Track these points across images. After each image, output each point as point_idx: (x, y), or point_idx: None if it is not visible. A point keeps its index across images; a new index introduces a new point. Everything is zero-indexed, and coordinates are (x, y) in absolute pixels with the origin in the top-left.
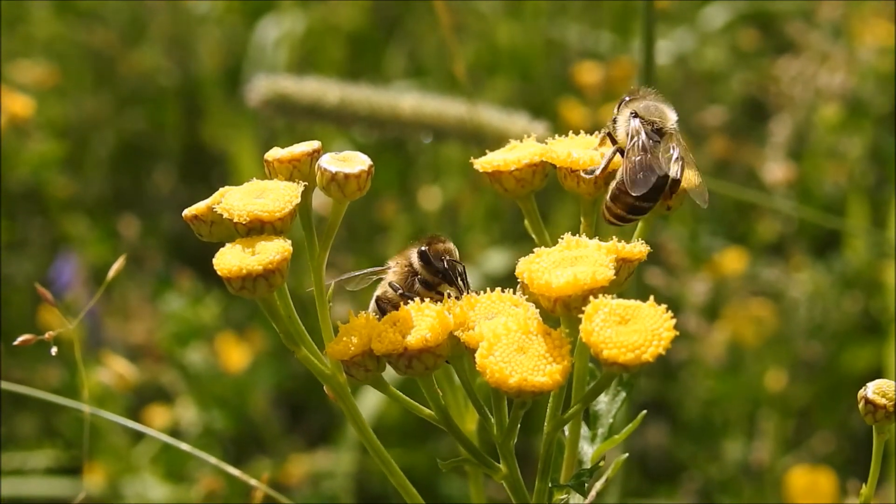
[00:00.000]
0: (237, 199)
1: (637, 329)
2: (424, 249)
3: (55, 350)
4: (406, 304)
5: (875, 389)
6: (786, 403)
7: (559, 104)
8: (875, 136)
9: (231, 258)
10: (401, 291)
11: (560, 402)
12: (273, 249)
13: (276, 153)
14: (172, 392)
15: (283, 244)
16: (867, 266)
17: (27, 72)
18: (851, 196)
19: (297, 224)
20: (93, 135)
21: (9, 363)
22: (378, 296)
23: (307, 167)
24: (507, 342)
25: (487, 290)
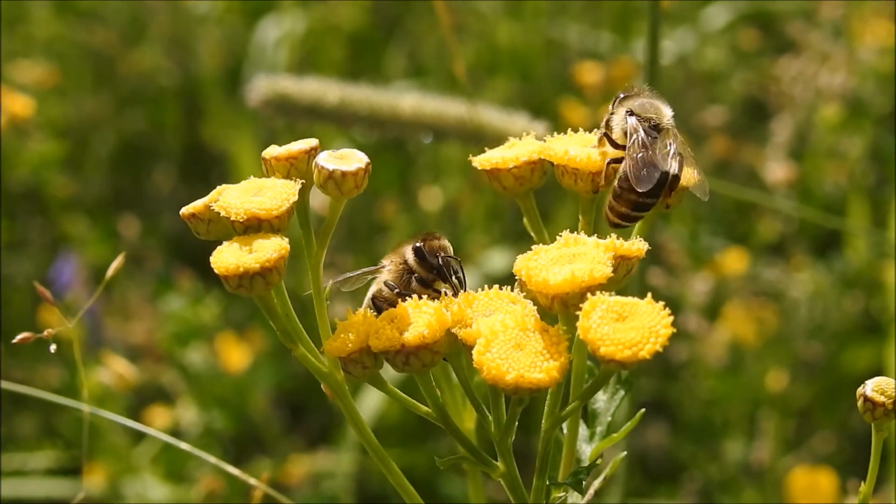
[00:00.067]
0: (234, 197)
1: (634, 326)
2: (419, 245)
3: (54, 348)
4: (402, 302)
5: (874, 387)
6: (786, 403)
7: (559, 104)
8: (875, 136)
9: (228, 256)
10: (396, 290)
11: (558, 400)
12: (270, 247)
13: (274, 151)
14: (172, 392)
15: (281, 242)
16: (868, 266)
17: (27, 72)
18: (852, 196)
19: (296, 223)
20: (93, 135)
21: (9, 363)
22: (373, 294)
23: (304, 165)
24: (505, 339)
25: (485, 288)
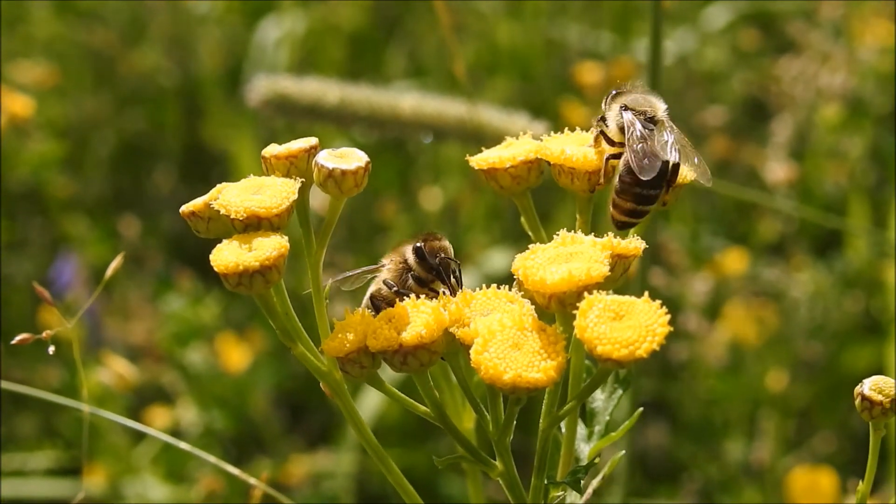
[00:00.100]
0: (234, 195)
1: (631, 325)
2: (420, 245)
3: (52, 349)
4: (400, 301)
5: (871, 386)
6: (786, 403)
7: (560, 104)
8: (876, 136)
9: (228, 254)
10: (395, 289)
11: (556, 399)
12: (270, 246)
13: (274, 150)
14: (173, 392)
15: (280, 240)
16: (868, 266)
17: (27, 72)
18: (852, 196)
19: (296, 222)
20: (93, 135)
21: (9, 363)
22: (372, 293)
23: (304, 164)
24: (502, 338)
25: (483, 288)
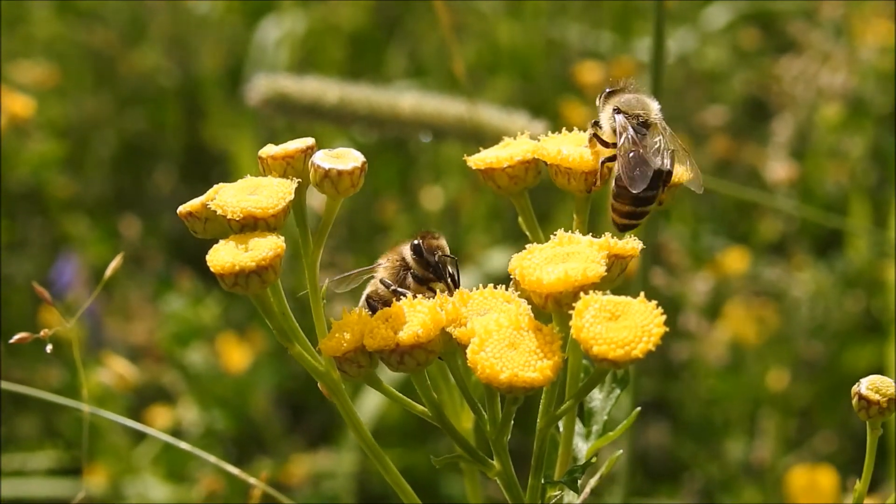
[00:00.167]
0: (231, 196)
1: (627, 325)
2: (418, 242)
3: (50, 348)
4: (397, 301)
5: (869, 385)
6: (787, 403)
7: (560, 104)
8: (876, 136)
9: (224, 254)
10: (392, 287)
11: (553, 399)
12: (266, 246)
13: (270, 150)
14: (173, 392)
15: (277, 241)
16: (869, 265)
17: (27, 72)
18: (853, 195)
19: (294, 222)
20: (93, 135)
21: (9, 363)
22: (369, 294)
23: (301, 164)
24: (499, 338)
25: (480, 287)
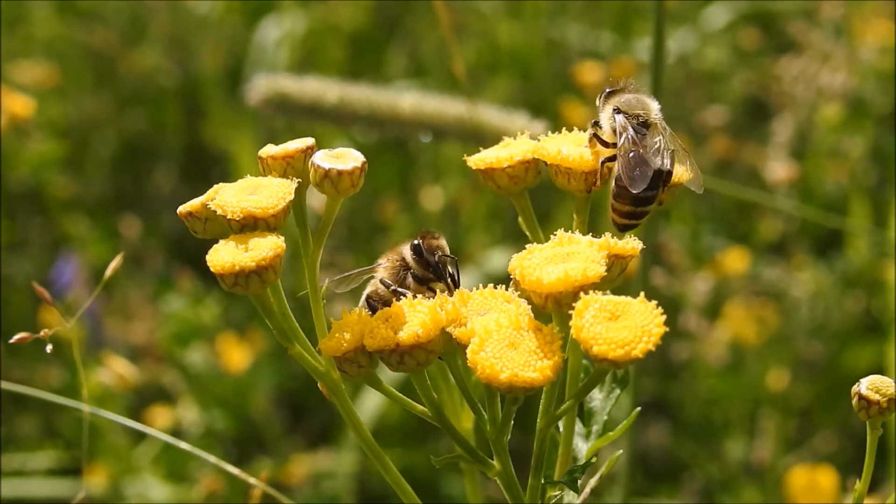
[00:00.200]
0: (231, 196)
1: (627, 325)
2: (418, 243)
3: (50, 348)
4: (397, 301)
5: (868, 385)
6: (787, 403)
7: (560, 103)
8: (876, 136)
9: (224, 255)
10: (392, 287)
11: (553, 399)
12: (266, 246)
13: (270, 150)
14: (173, 392)
15: (277, 241)
16: (869, 265)
17: (27, 72)
18: (853, 195)
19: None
20: (93, 135)
21: (9, 363)
22: (368, 293)
23: (301, 164)
24: (499, 338)
25: (480, 287)
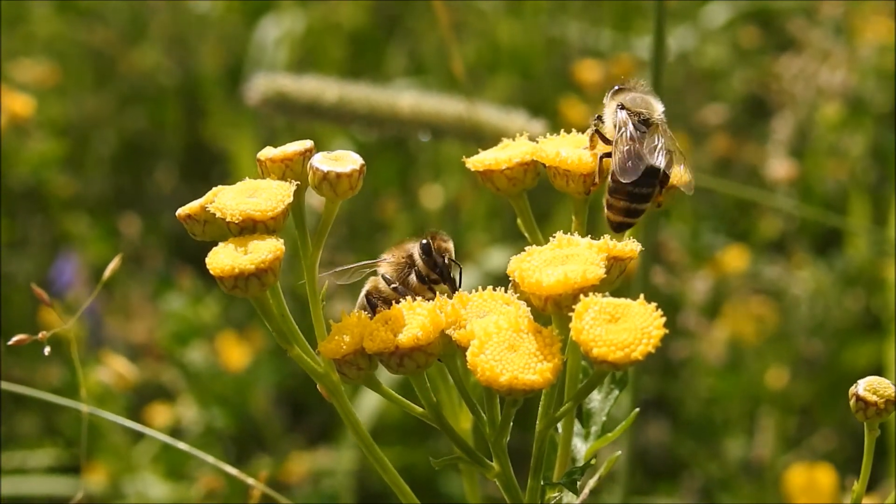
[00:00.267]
0: (230, 199)
1: (627, 327)
2: (427, 242)
3: (48, 350)
4: (397, 298)
5: (866, 387)
6: (787, 401)
7: (560, 102)
8: (876, 134)
9: (223, 257)
10: (393, 285)
11: (552, 401)
12: (265, 248)
13: (269, 153)
14: (173, 391)
15: (276, 243)
16: (868, 264)
17: (28, 71)
18: (853, 194)
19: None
20: (93, 134)
21: (10, 361)
22: (368, 290)
23: (299, 166)
24: (498, 340)
25: (481, 289)
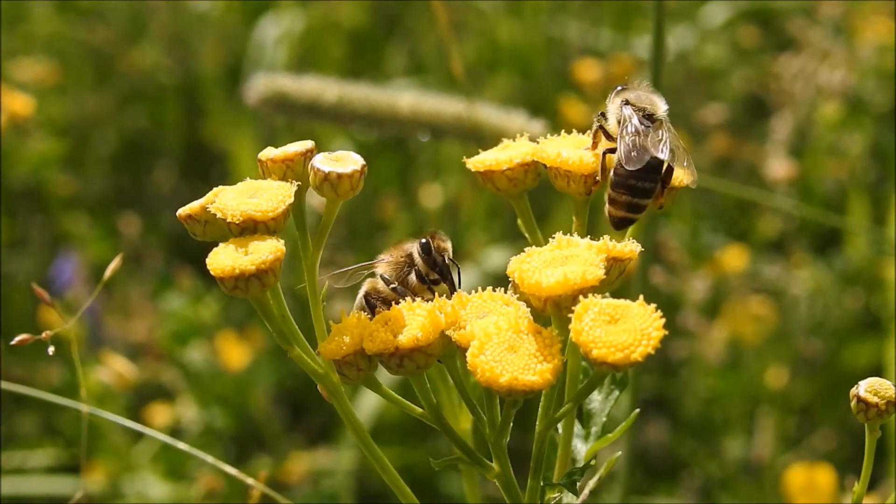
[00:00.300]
0: (230, 199)
1: (626, 329)
2: (427, 241)
3: (52, 350)
4: (396, 298)
5: (867, 388)
6: (786, 400)
7: (560, 101)
8: (875, 134)
9: (224, 258)
10: (392, 285)
11: (552, 401)
12: (266, 249)
13: (270, 153)
14: (173, 390)
15: (276, 244)
16: (868, 263)
17: (28, 70)
18: (852, 193)
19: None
20: (93, 133)
21: (10, 361)
22: (367, 290)
23: (300, 167)
24: (498, 341)
25: (480, 289)
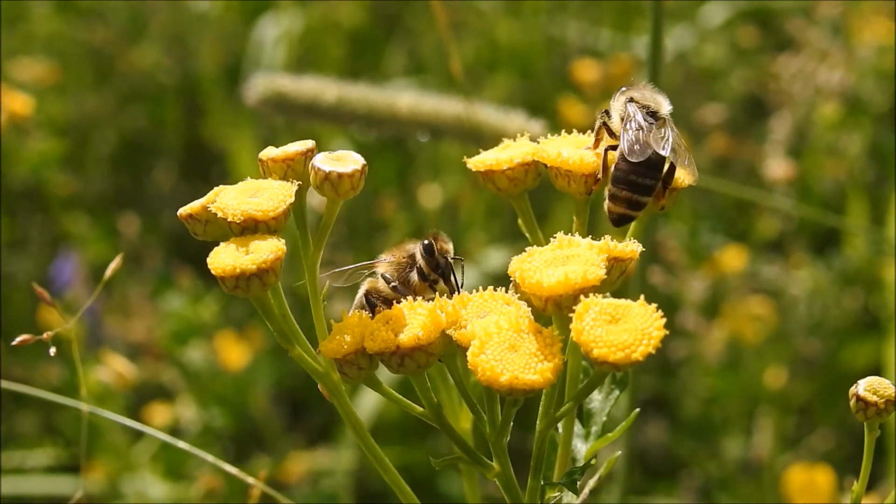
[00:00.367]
0: (231, 199)
1: (627, 328)
2: (430, 242)
3: (53, 351)
4: (397, 298)
5: (866, 387)
6: (785, 400)
7: (559, 101)
8: (874, 134)
9: (225, 257)
10: (393, 284)
11: (553, 401)
12: (267, 249)
13: (271, 152)
14: (172, 390)
15: (277, 243)
16: (867, 263)
17: (27, 69)
18: (851, 193)
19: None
20: (93, 133)
21: (9, 361)
22: (367, 289)
23: (301, 166)
24: (499, 340)
25: (481, 289)
